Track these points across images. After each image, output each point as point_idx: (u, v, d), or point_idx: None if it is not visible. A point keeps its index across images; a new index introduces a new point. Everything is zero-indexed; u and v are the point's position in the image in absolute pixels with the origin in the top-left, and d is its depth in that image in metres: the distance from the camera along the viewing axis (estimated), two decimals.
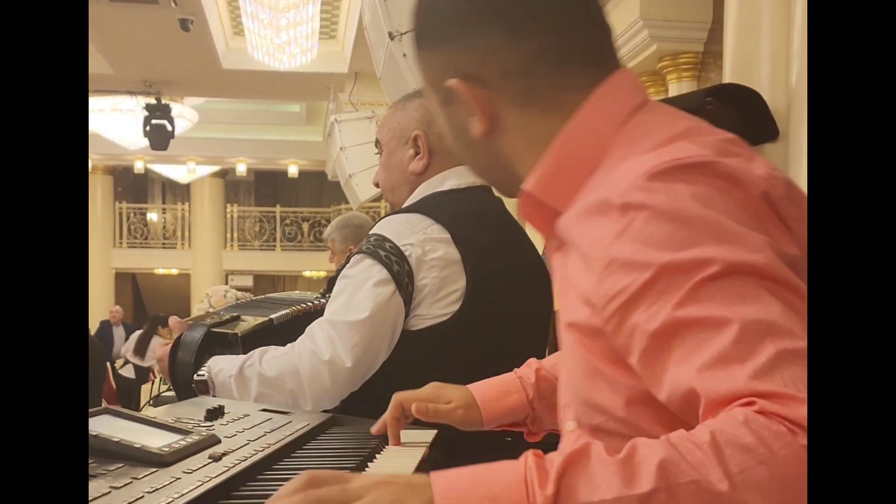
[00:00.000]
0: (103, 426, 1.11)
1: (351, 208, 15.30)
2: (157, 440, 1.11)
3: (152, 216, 18.88)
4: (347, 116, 8.90)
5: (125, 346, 11.28)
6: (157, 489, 0.93)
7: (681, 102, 4.99)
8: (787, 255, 0.87)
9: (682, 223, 0.85)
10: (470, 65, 1.04)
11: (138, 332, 11.00)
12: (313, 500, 0.79)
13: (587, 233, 0.94)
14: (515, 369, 1.50)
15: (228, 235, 18.22)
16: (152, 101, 10.02)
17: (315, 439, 1.40)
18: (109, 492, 0.90)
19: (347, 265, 1.87)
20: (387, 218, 1.92)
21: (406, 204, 1.97)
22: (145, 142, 10.48)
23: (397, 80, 4.27)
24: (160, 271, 18.64)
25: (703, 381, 0.81)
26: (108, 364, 9.63)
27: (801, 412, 0.76)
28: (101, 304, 15.19)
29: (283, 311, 2.13)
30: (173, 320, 2.06)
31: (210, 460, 1.09)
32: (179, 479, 0.99)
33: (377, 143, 2.08)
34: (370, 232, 1.89)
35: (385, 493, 0.79)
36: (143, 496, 0.90)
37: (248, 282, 17.84)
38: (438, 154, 1.96)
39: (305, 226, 18.48)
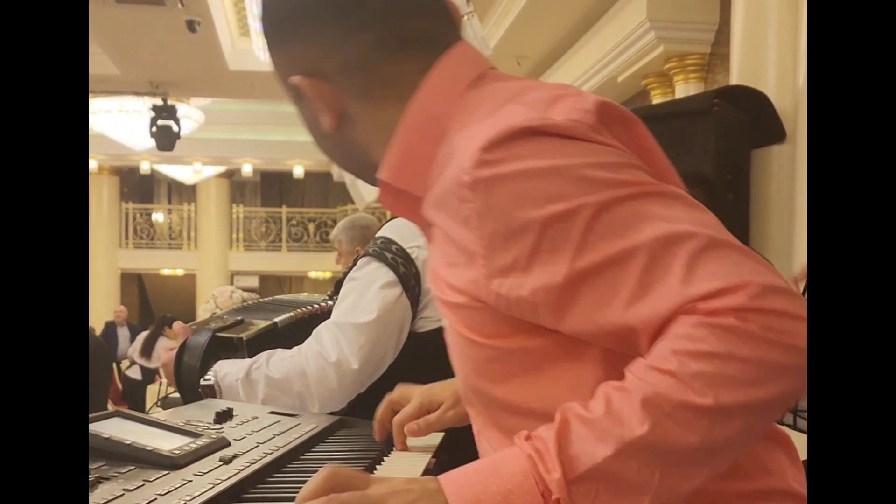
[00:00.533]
0: (114, 429, 1.12)
1: (357, 209, 15.35)
2: (167, 443, 1.11)
3: (158, 217, 18.91)
4: None
5: (132, 347, 11.26)
6: (168, 491, 0.93)
7: (687, 104, 4.99)
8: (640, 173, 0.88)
9: (536, 180, 0.84)
10: (310, 61, 1.04)
11: (144, 334, 11.01)
12: None
13: (450, 220, 0.91)
14: None
15: (234, 236, 18.23)
16: (158, 101, 10.03)
17: (323, 442, 1.41)
18: (122, 494, 0.90)
19: (354, 268, 1.88)
20: (393, 221, 1.93)
21: None
22: (151, 142, 10.50)
23: None
24: (166, 272, 18.66)
25: (636, 313, 0.81)
26: (115, 365, 9.63)
27: (739, 299, 0.77)
28: (106, 305, 15.20)
29: (288, 315, 2.14)
30: (178, 325, 2.06)
31: (220, 463, 1.09)
32: (191, 481, 0.99)
33: None
34: (377, 235, 1.90)
35: (404, 501, 0.81)
36: (155, 499, 0.90)
37: (254, 282, 17.85)
38: None
39: (311, 226, 18.49)
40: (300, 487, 1.08)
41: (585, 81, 6.91)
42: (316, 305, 2.26)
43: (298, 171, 16.82)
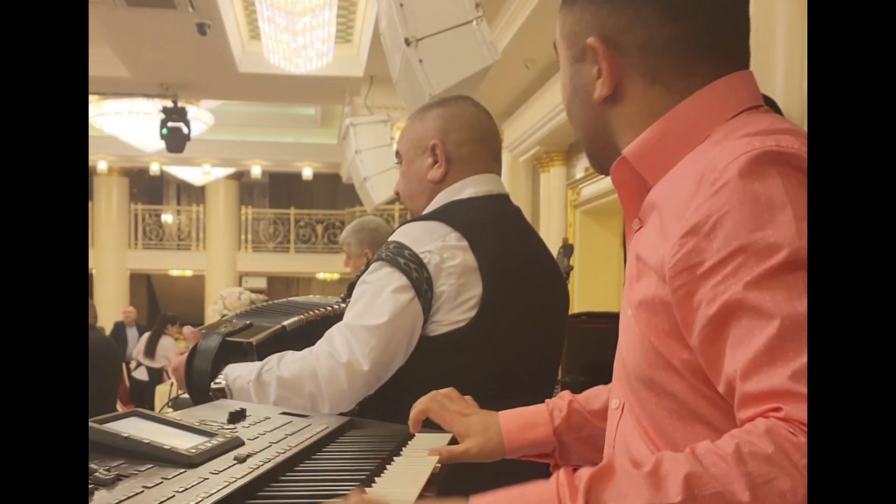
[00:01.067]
0: (132, 428, 1.15)
1: (365, 211, 15.36)
2: (184, 442, 1.14)
3: (167, 218, 18.98)
4: (363, 120, 8.94)
5: (136, 348, 11.27)
6: (186, 489, 0.96)
7: None
8: None
9: (766, 207, 0.88)
10: (614, 29, 1.08)
11: (147, 334, 11.09)
12: None
13: (675, 199, 0.97)
14: (548, 399, 1.49)
15: (242, 237, 18.30)
16: (169, 104, 10.07)
17: (334, 442, 1.44)
18: (142, 491, 0.93)
19: (367, 271, 1.90)
20: (406, 225, 1.95)
21: (425, 212, 2.00)
22: (161, 144, 10.54)
23: (413, 85, 4.30)
24: (174, 272, 18.74)
25: (743, 378, 0.85)
26: (124, 365, 9.69)
27: (802, 412, 0.80)
28: (115, 305, 15.28)
29: (296, 318, 2.16)
30: (187, 330, 2.09)
31: (235, 462, 1.12)
32: (207, 479, 1.02)
33: (397, 153, 2.12)
34: (389, 239, 1.92)
35: None
36: (173, 495, 0.93)
37: (262, 283, 17.91)
38: (456, 162, 1.99)
39: (319, 228, 18.54)
40: (313, 486, 1.12)
41: None
42: (328, 308, 2.30)
43: (307, 173, 16.87)
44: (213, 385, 1.89)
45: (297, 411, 1.70)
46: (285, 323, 2.13)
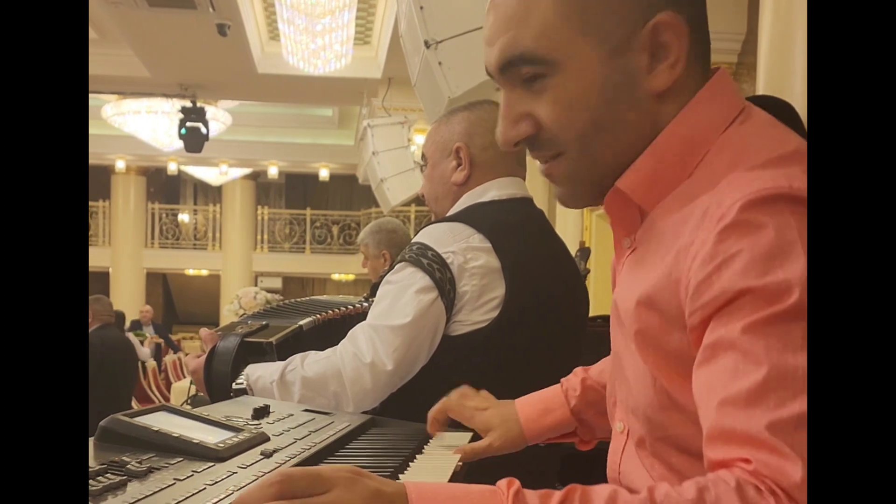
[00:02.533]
0: (162, 422, 1.17)
1: (381, 212, 15.40)
2: (212, 436, 1.16)
3: (184, 217, 19.08)
4: (380, 122, 8.98)
5: (142, 352, 11.39)
6: (216, 482, 0.98)
7: None
8: None
9: (778, 251, 0.83)
10: (677, 2, 0.97)
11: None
12: None
13: (679, 232, 0.92)
14: (562, 379, 1.51)
15: (258, 237, 18.37)
16: (187, 104, 10.13)
17: (357, 439, 1.46)
18: (174, 483, 0.95)
19: (391, 272, 1.92)
20: (430, 226, 1.97)
21: (449, 213, 2.02)
22: (180, 143, 10.62)
23: (432, 87, 4.31)
24: (190, 272, 18.83)
25: (720, 415, 0.81)
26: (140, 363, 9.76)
27: (795, 479, 0.75)
28: (131, 304, 15.35)
29: (311, 318, 2.18)
30: (203, 332, 2.11)
31: (262, 456, 1.14)
32: (235, 473, 1.04)
33: (423, 156, 2.14)
34: (413, 240, 1.94)
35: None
36: (204, 488, 0.95)
37: (278, 283, 17.98)
38: (479, 165, 2.01)
39: (335, 229, 18.59)
40: None
41: None
42: (345, 307, 2.32)
43: (324, 174, 16.93)
44: (234, 385, 1.91)
45: (321, 407, 1.73)
46: (302, 322, 2.14)
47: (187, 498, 0.90)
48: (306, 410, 1.58)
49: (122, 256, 17.24)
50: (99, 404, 5.19)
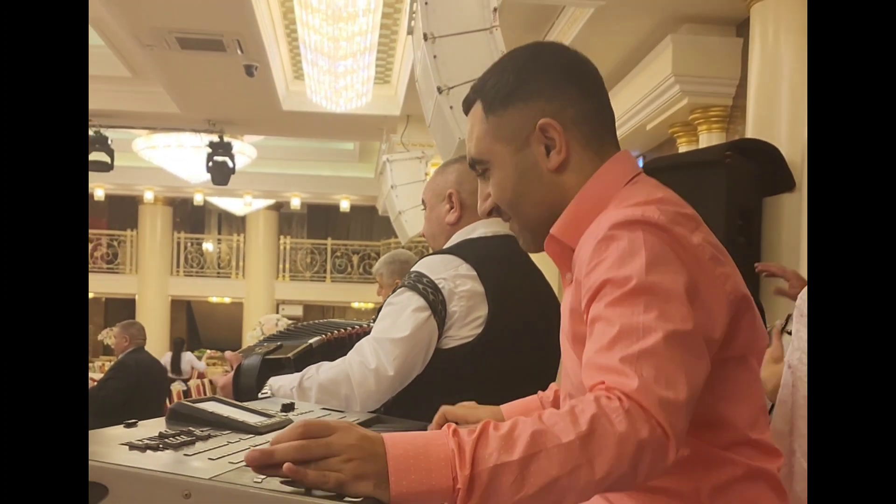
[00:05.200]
0: (213, 408, 1.54)
1: (400, 242, 15.73)
2: (251, 418, 1.53)
3: (208, 246, 19.51)
4: (399, 156, 9.31)
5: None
6: (256, 445, 1.34)
7: (702, 155, 5.36)
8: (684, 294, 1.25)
9: (628, 254, 1.22)
10: (553, 111, 1.41)
11: (170, 354, 13.04)
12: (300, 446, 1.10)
13: (584, 255, 1.32)
14: (539, 391, 1.90)
15: (280, 266, 18.74)
16: (215, 138, 10.52)
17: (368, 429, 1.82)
18: (227, 444, 1.32)
19: (392, 295, 2.31)
20: (426, 258, 2.37)
21: (443, 248, 2.42)
22: (207, 176, 11.01)
23: (444, 129, 4.61)
24: (214, 299, 19.21)
25: (590, 357, 1.20)
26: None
27: (629, 385, 1.11)
28: (157, 330, 15.75)
29: (318, 337, 2.60)
30: (229, 354, 2.52)
31: None
32: (268, 443, 1.41)
33: (423, 201, 2.54)
34: (411, 270, 2.33)
35: (354, 456, 1.07)
36: (248, 448, 1.31)
37: (299, 311, 18.31)
38: (469, 208, 2.41)
39: (355, 258, 18.93)
40: None
41: (618, 129, 7.24)
42: (352, 327, 2.72)
43: (345, 206, 17.30)
44: (259, 396, 2.30)
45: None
46: (311, 341, 2.56)
47: (237, 452, 1.27)
48: (323, 408, 1.95)
49: (149, 284, 17.69)
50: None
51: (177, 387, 11.74)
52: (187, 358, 13.63)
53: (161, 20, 7.30)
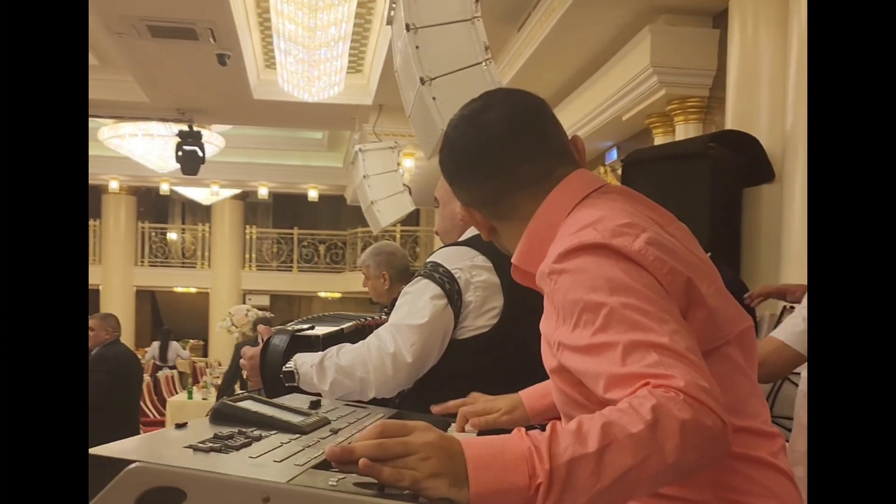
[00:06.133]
0: (253, 406, 1.54)
1: (368, 231, 15.71)
2: (292, 417, 1.54)
3: (172, 236, 19.36)
4: (371, 146, 9.31)
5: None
6: (310, 446, 1.35)
7: (685, 147, 5.42)
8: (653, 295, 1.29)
9: (586, 280, 1.27)
10: (468, 197, 1.56)
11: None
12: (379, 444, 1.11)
13: (545, 294, 1.38)
14: None
15: (247, 256, 18.66)
16: (184, 127, 10.42)
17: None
18: (281, 445, 1.32)
19: (409, 284, 2.33)
20: (442, 248, 2.39)
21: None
22: (175, 165, 10.90)
23: (426, 120, 4.61)
24: (179, 289, 19.09)
25: (614, 376, 1.20)
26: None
27: (677, 383, 1.13)
28: (122, 320, 15.56)
29: (350, 323, 2.64)
30: (262, 328, 2.56)
31: (331, 433, 1.52)
32: (318, 441, 1.41)
33: (435, 199, 2.55)
34: (427, 260, 2.36)
35: (432, 455, 1.09)
36: (303, 449, 1.32)
37: (265, 301, 18.25)
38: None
39: (322, 248, 18.91)
40: None
41: (593, 119, 7.33)
42: (372, 318, 2.74)
43: (313, 195, 17.24)
44: (284, 368, 2.32)
45: (349, 393, 2.18)
46: (343, 326, 2.60)
47: (297, 454, 1.28)
48: (346, 404, 1.96)
49: (113, 274, 17.53)
50: (117, 413, 5.54)
51: (146, 379, 11.73)
52: (174, 347, 14.50)
53: (132, 7, 7.22)
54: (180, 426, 1.38)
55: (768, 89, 4.99)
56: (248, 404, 1.56)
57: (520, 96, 1.54)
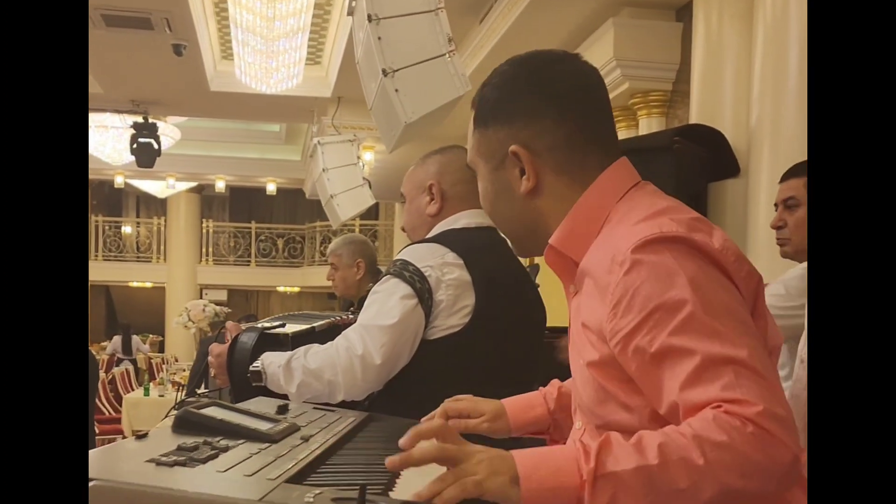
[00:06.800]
0: (219, 414, 1.46)
1: (327, 225, 15.59)
2: (260, 425, 1.45)
3: (127, 229, 19.07)
4: (330, 139, 9.19)
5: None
6: (281, 456, 1.27)
7: (651, 140, 5.38)
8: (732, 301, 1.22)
9: (665, 276, 1.19)
10: (527, 138, 1.40)
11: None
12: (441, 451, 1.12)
13: (599, 271, 1.29)
14: (541, 387, 1.84)
15: (203, 250, 18.45)
16: (139, 119, 10.24)
17: (364, 430, 1.76)
18: (250, 456, 1.24)
19: (377, 284, 2.25)
20: (411, 246, 2.30)
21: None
22: (130, 158, 10.71)
23: (389, 112, 4.53)
24: (134, 284, 18.81)
25: (683, 395, 1.15)
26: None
27: (750, 410, 1.08)
28: None
29: (323, 321, 2.55)
30: (230, 324, 2.45)
31: (302, 440, 1.44)
32: (289, 451, 1.33)
33: (402, 194, 2.48)
34: (395, 258, 2.27)
35: (486, 458, 1.10)
36: (275, 459, 1.24)
37: (223, 296, 18.06)
38: (449, 199, 2.35)
39: (280, 242, 18.76)
40: (362, 458, 1.44)
41: None
42: (342, 317, 2.65)
43: (271, 188, 17.07)
44: (251, 367, 2.23)
45: (317, 396, 2.11)
46: (315, 324, 2.51)
47: (267, 466, 1.20)
48: (316, 408, 1.88)
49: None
50: None
51: (101, 375, 11.56)
52: (134, 341, 14.76)
53: None
54: (141, 437, 1.29)
55: (733, 83, 4.97)
56: (213, 411, 1.47)
57: None
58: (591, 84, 1.43)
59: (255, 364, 2.24)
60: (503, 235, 1.62)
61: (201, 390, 4.33)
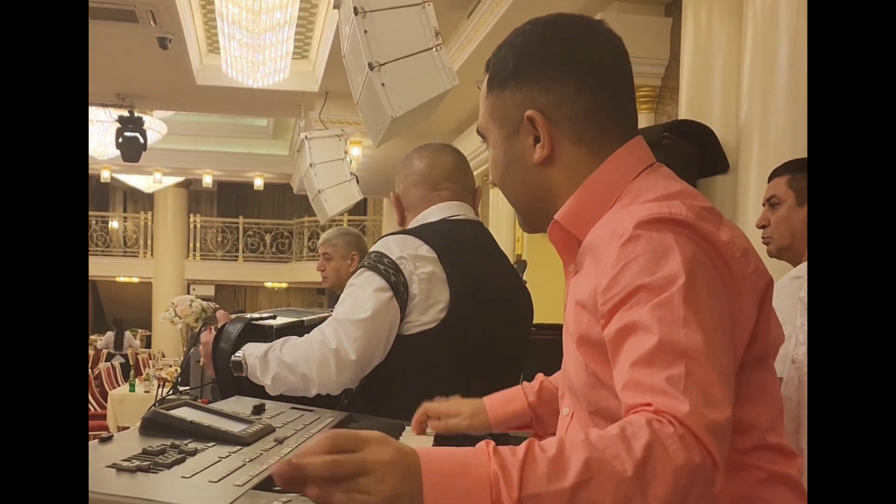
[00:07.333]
0: (190, 415, 1.40)
1: (315, 220, 15.53)
2: (232, 426, 1.40)
3: (114, 224, 18.95)
4: (317, 134, 9.13)
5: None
6: (251, 460, 1.23)
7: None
8: (719, 297, 1.16)
9: (661, 254, 1.13)
10: (545, 103, 1.31)
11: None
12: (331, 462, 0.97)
13: (600, 250, 1.22)
14: (524, 382, 1.81)
15: (191, 245, 18.35)
16: (125, 113, 10.15)
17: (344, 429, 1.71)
18: (219, 461, 1.19)
19: (352, 277, 2.20)
20: (385, 238, 2.26)
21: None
22: (115, 152, 10.63)
23: (375, 107, 4.48)
24: (121, 279, 18.70)
25: (631, 372, 1.09)
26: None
27: (684, 410, 1.02)
28: None
29: (312, 316, 2.52)
30: (220, 313, 2.41)
31: (275, 443, 1.39)
32: (261, 454, 1.28)
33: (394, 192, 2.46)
34: (370, 250, 2.23)
35: (389, 473, 0.96)
36: (244, 464, 1.19)
37: (210, 291, 17.98)
38: (409, 207, 2.38)
39: (268, 237, 18.67)
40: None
41: None
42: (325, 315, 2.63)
43: (258, 183, 16.99)
44: (233, 357, 2.20)
45: (292, 389, 2.08)
46: (304, 318, 2.49)
47: (235, 471, 1.15)
48: (294, 408, 1.83)
49: None
50: None
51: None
52: (126, 336, 14.67)
53: None
54: (105, 440, 1.24)
55: (722, 79, 4.93)
56: (184, 412, 1.42)
57: None
58: (619, 56, 1.35)
59: (237, 354, 2.20)
60: (516, 212, 1.50)
61: (184, 388, 4.28)
